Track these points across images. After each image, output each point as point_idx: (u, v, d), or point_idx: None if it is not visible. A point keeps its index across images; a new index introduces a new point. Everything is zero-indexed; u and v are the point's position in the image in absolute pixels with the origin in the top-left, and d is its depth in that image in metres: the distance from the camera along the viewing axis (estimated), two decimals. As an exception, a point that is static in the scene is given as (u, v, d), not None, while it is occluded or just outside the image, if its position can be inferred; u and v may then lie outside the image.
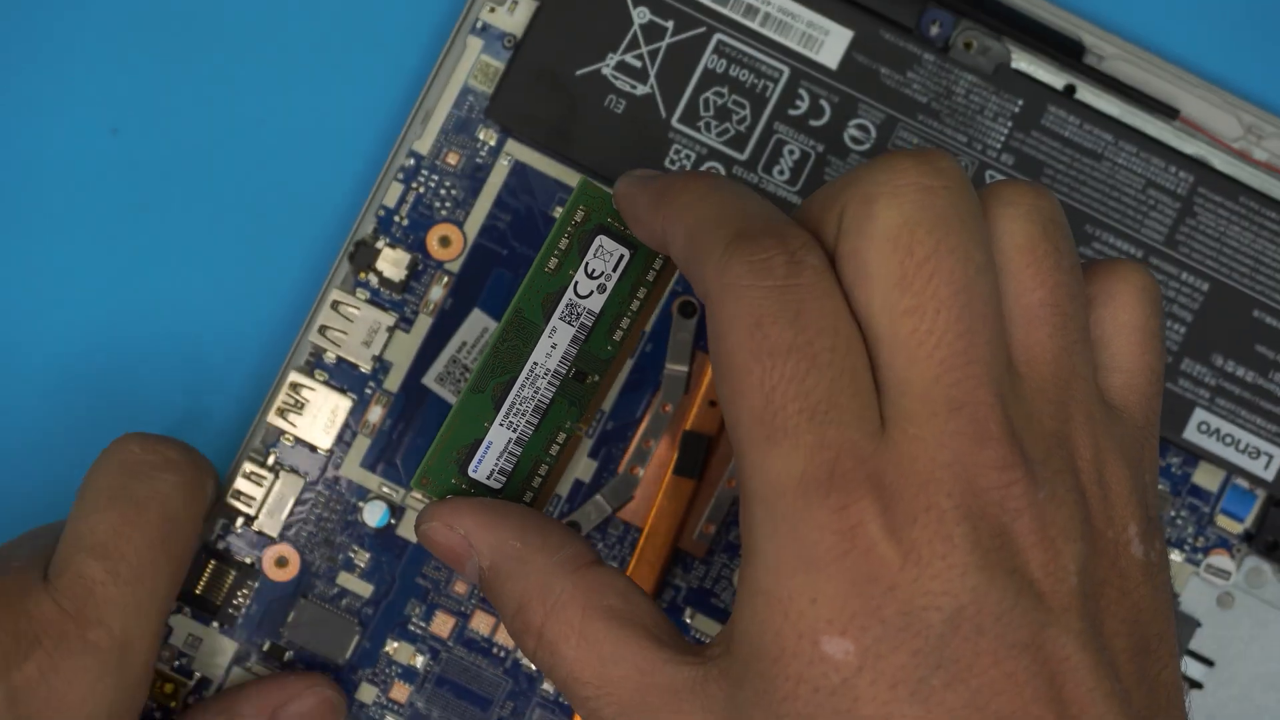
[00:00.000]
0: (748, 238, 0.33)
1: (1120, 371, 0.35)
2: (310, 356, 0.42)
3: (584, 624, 0.35)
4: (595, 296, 0.39)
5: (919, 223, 0.32)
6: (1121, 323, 0.35)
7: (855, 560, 0.31)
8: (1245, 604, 0.43)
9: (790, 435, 0.32)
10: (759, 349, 0.32)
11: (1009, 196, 0.34)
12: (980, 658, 0.31)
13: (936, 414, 0.32)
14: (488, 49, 0.43)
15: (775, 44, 0.42)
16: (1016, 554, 0.32)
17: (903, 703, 0.31)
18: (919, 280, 0.32)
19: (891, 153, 0.33)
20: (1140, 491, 0.34)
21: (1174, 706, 0.34)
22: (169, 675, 0.42)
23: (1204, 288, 0.42)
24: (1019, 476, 0.32)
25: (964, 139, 0.42)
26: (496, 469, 0.39)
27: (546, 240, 0.38)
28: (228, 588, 0.42)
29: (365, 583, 0.43)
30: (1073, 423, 0.33)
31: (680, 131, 0.42)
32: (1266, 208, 0.42)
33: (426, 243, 0.43)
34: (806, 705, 0.31)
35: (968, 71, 0.42)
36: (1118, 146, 0.42)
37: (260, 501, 0.42)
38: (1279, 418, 0.42)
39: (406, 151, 0.43)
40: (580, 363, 0.39)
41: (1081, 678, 0.31)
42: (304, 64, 0.44)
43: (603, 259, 0.39)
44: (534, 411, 0.39)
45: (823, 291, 0.32)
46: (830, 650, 0.31)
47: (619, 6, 0.42)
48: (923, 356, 0.32)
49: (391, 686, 0.42)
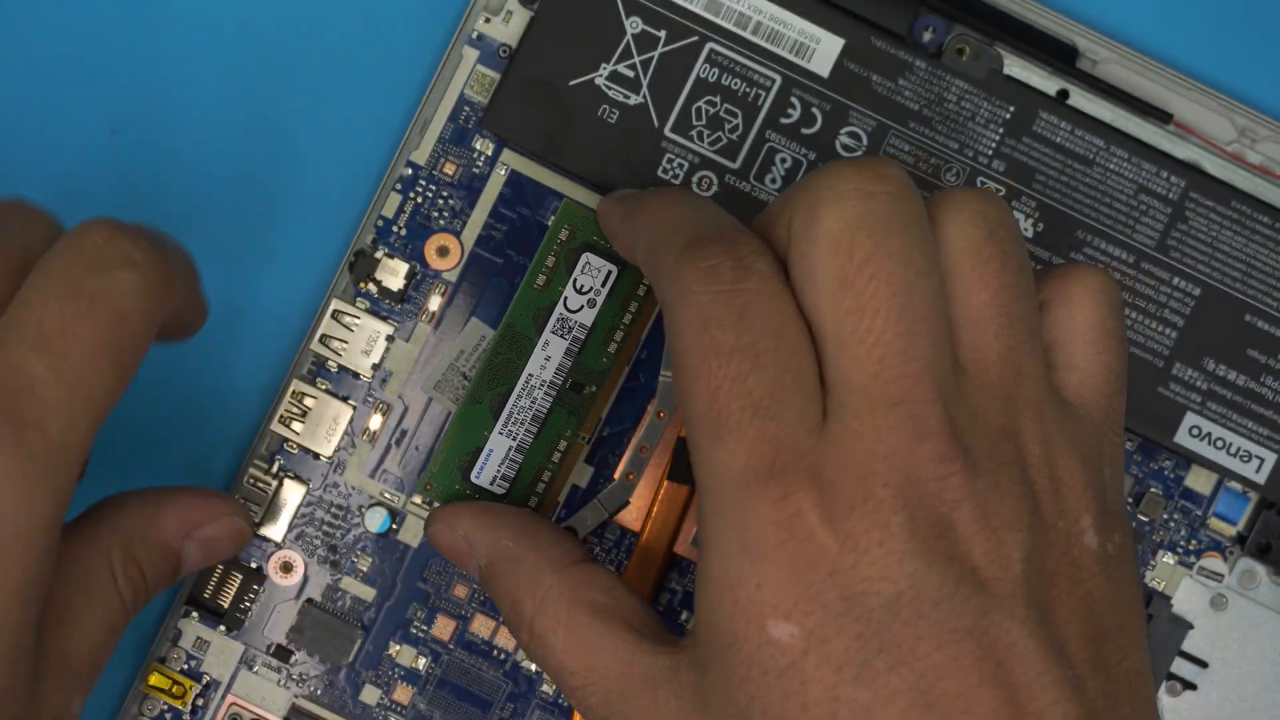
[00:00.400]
0: (698, 246, 0.34)
1: (1076, 370, 0.36)
2: (312, 365, 0.43)
3: (570, 617, 0.37)
4: (586, 311, 0.40)
5: (860, 227, 0.33)
6: (1077, 323, 0.36)
7: (795, 548, 0.32)
8: (1238, 606, 0.43)
9: (734, 431, 0.33)
10: (706, 350, 0.33)
11: (956, 203, 0.35)
12: (922, 642, 0.32)
13: (875, 409, 0.33)
14: (484, 59, 0.43)
15: (767, 53, 0.42)
16: (957, 542, 0.33)
17: (848, 685, 0.32)
18: (860, 281, 0.33)
19: (837, 161, 0.34)
20: (1097, 485, 0.35)
21: (1137, 695, 0.34)
22: (178, 677, 0.43)
23: (1195, 292, 0.42)
24: (957, 468, 0.33)
25: (955, 145, 0.42)
26: (499, 475, 0.41)
27: (534, 258, 0.40)
28: (235, 592, 0.43)
29: (368, 587, 0.43)
30: (1021, 418, 0.34)
31: (673, 141, 0.42)
32: (1259, 211, 0.42)
33: (425, 252, 0.43)
34: (759, 688, 0.33)
35: (959, 78, 0.42)
36: (1109, 152, 0.42)
37: (265, 508, 0.43)
38: (1271, 421, 0.42)
39: (404, 162, 0.43)
40: (576, 374, 0.41)
41: (1030, 663, 0.32)
42: (303, 76, 0.44)
43: (590, 275, 0.40)
44: (532, 420, 0.41)
45: (769, 295, 0.34)
46: (776, 634, 0.33)
47: (612, 16, 0.42)
48: (863, 354, 0.33)
49: (394, 688, 0.43)
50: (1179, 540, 0.43)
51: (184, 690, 0.43)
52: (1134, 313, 0.42)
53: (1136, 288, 0.42)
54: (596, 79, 0.42)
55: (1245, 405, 0.42)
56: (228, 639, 0.43)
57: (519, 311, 0.40)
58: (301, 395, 0.43)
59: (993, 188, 0.42)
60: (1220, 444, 0.42)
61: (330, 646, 0.43)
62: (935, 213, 0.35)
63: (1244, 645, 0.43)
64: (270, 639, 0.43)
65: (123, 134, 0.44)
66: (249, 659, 0.43)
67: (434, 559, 0.43)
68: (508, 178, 0.43)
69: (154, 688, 0.43)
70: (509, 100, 0.42)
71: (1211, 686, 0.43)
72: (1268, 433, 0.42)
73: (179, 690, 0.43)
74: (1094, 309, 0.36)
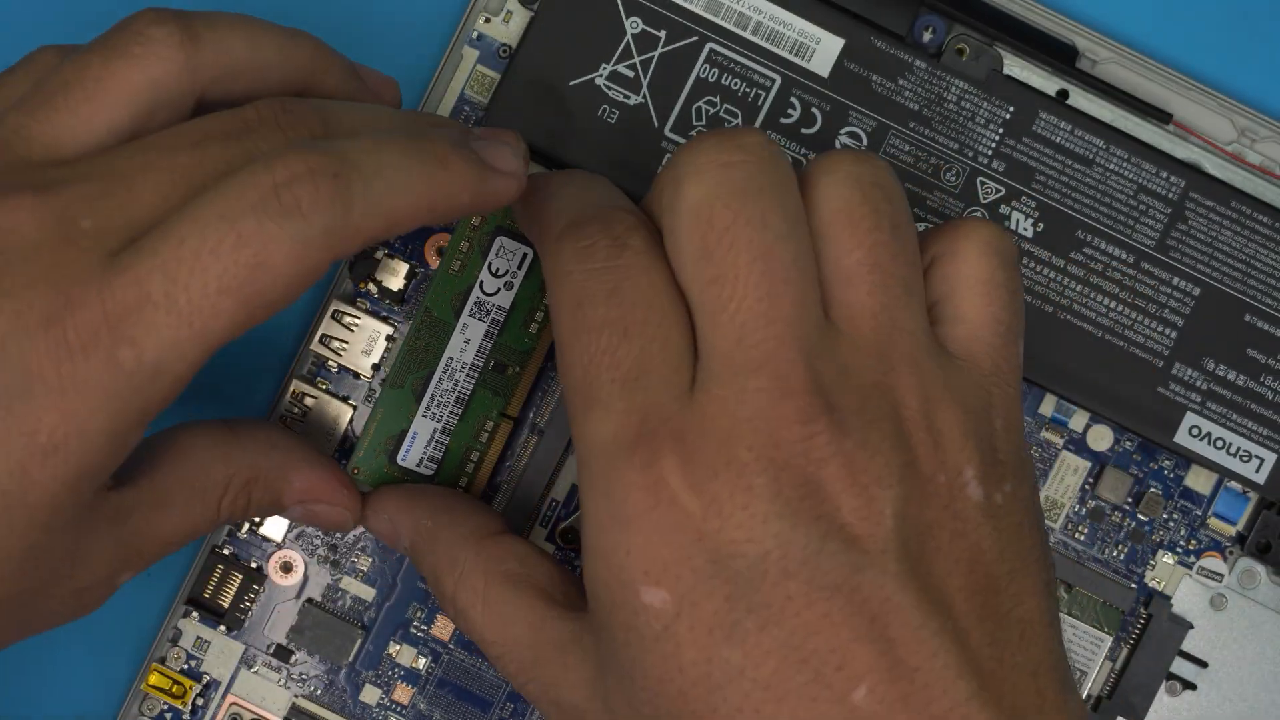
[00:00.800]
0: (576, 226, 0.35)
1: (964, 323, 0.36)
2: (312, 365, 0.43)
3: (486, 589, 0.38)
4: (503, 293, 0.42)
5: (717, 196, 0.34)
6: (964, 276, 0.36)
7: (661, 513, 0.33)
8: (1238, 605, 0.43)
9: (603, 403, 0.34)
10: (578, 326, 0.34)
11: (827, 165, 0.35)
12: (792, 601, 0.33)
13: (738, 373, 0.33)
14: (484, 59, 0.43)
15: (767, 53, 0.42)
16: (824, 500, 0.33)
17: (720, 645, 0.33)
18: (719, 250, 0.34)
19: (702, 133, 0.36)
20: (982, 436, 0.35)
21: (1031, 642, 0.34)
22: (178, 677, 0.43)
23: (1195, 292, 0.42)
24: (822, 427, 0.33)
25: (955, 145, 0.42)
26: (426, 456, 0.42)
27: (448, 245, 0.41)
28: (235, 592, 0.43)
29: (368, 587, 0.43)
30: (895, 373, 0.34)
31: (673, 141, 0.42)
32: (1258, 211, 0.42)
33: (425, 252, 0.43)
34: (638, 651, 0.33)
35: (959, 78, 0.42)
36: (1109, 152, 0.42)
37: (265, 507, 0.43)
38: (1270, 421, 0.42)
39: (405, 162, 0.43)
40: (498, 354, 0.42)
41: (906, 616, 0.33)
42: (303, 77, 0.44)
43: (505, 258, 0.42)
44: (456, 402, 0.42)
45: (640, 268, 0.34)
46: (649, 600, 0.33)
47: (612, 16, 0.42)
48: (724, 321, 0.34)
49: (394, 688, 0.43)
50: (1179, 540, 0.43)
51: (184, 690, 0.43)
52: (1134, 313, 0.42)
53: (1136, 288, 0.42)
54: (596, 79, 0.43)
55: (1245, 405, 0.42)
56: (228, 639, 0.43)
57: (435, 297, 0.42)
58: (301, 395, 0.43)
59: (993, 187, 0.43)
60: (1220, 444, 0.42)
61: (330, 646, 0.43)
62: (807, 177, 0.35)
63: (1244, 645, 0.43)
64: (270, 639, 0.43)
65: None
66: (249, 659, 0.43)
67: (434, 559, 0.43)
68: (508, 178, 0.43)
69: (154, 688, 0.43)
70: (509, 100, 0.42)
71: (1211, 686, 0.43)
72: (1267, 433, 0.42)
73: (179, 690, 0.43)
74: (980, 262, 0.36)
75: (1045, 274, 0.42)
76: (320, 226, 0.33)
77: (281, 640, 0.43)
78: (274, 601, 0.43)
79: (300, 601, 0.43)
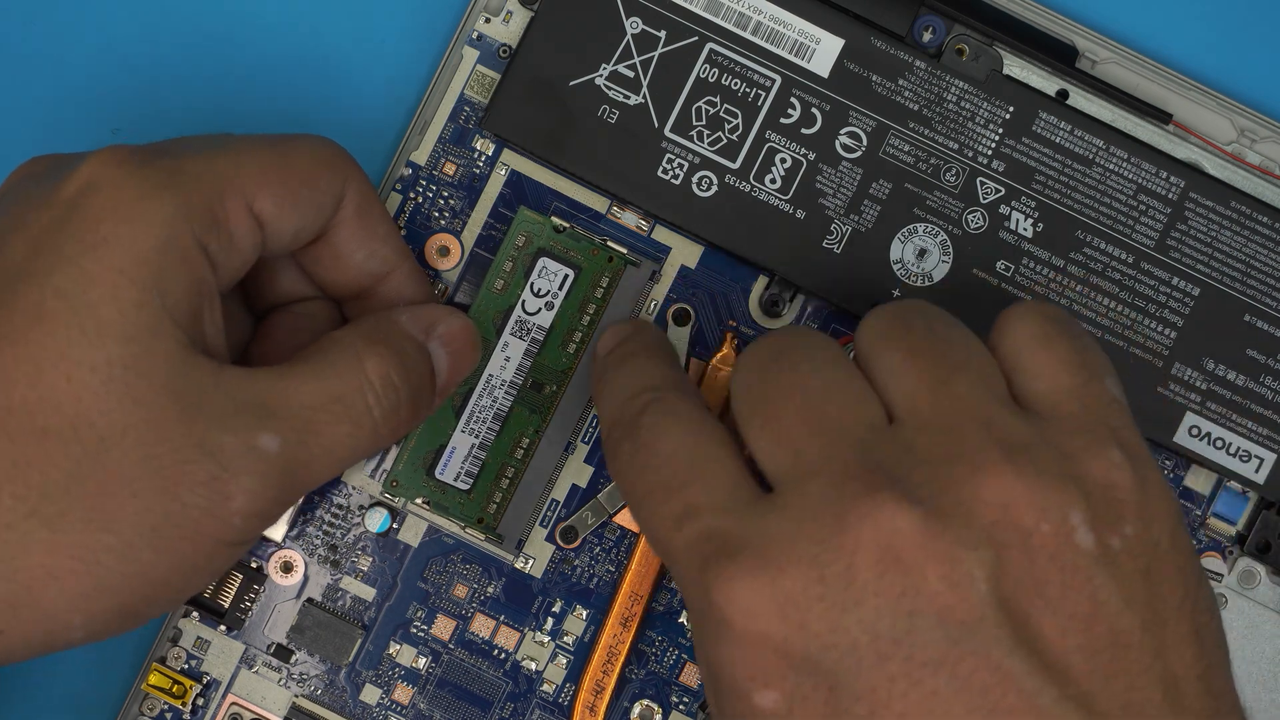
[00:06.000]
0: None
1: (1038, 378, 0.36)
2: (313, 365, 0.43)
3: None
4: (544, 313, 0.42)
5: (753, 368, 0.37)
6: (1019, 343, 0.36)
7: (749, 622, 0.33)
8: (1237, 605, 0.43)
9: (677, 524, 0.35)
10: None
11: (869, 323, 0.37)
12: (895, 683, 0.32)
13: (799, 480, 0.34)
14: (484, 59, 0.43)
15: (767, 53, 0.42)
16: (906, 574, 0.33)
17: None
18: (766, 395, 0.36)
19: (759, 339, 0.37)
20: (1086, 479, 0.34)
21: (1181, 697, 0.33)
22: (178, 677, 0.43)
23: (1195, 292, 0.42)
24: (887, 499, 0.33)
25: (955, 145, 0.42)
26: (463, 471, 0.42)
27: (492, 263, 0.42)
28: (235, 592, 0.43)
29: (368, 586, 0.43)
30: (965, 439, 0.34)
31: (673, 141, 0.42)
32: (1258, 212, 0.42)
33: (425, 252, 0.43)
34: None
35: (959, 78, 0.42)
36: (1109, 152, 0.42)
37: (265, 507, 0.43)
38: (1270, 421, 0.43)
39: (405, 162, 0.43)
40: (536, 374, 0.42)
41: (1018, 685, 0.32)
42: (303, 77, 0.44)
43: (547, 279, 0.42)
44: (494, 419, 0.42)
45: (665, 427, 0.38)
46: (760, 702, 0.33)
47: (612, 16, 0.42)
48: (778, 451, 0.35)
49: (394, 688, 0.43)
50: (1178, 540, 0.43)
51: (184, 690, 0.43)
52: (1134, 313, 0.42)
53: (1136, 288, 0.43)
54: (596, 79, 0.43)
55: (1245, 405, 0.42)
56: (228, 639, 0.43)
57: (478, 315, 0.42)
58: (302, 395, 0.43)
59: (993, 187, 0.43)
60: (1220, 444, 0.42)
61: (330, 646, 0.43)
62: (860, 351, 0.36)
63: (1244, 645, 0.43)
64: (270, 639, 0.43)
65: (122, 134, 0.44)
66: (249, 659, 0.43)
67: (434, 558, 0.43)
68: (508, 178, 0.43)
69: (154, 687, 0.43)
70: (509, 100, 0.42)
71: (1211, 686, 0.43)
72: (1267, 433, 0.42)
73: (179, 690, 0.43)
74: (1028, 323, 0.36)
75: (1045, 274, 0.42)
76: None
77: (282, 640, 0.43)
78: (274, 601, 0.43)
79: (300, 601, 0.43)
